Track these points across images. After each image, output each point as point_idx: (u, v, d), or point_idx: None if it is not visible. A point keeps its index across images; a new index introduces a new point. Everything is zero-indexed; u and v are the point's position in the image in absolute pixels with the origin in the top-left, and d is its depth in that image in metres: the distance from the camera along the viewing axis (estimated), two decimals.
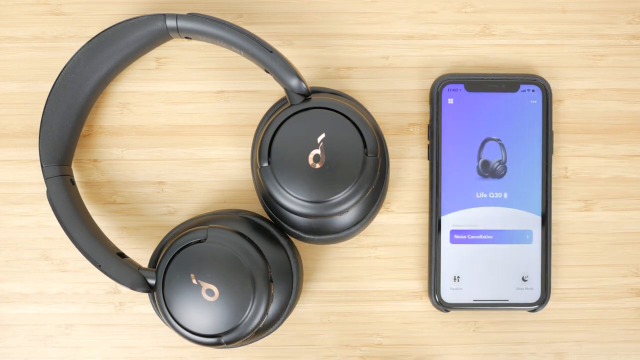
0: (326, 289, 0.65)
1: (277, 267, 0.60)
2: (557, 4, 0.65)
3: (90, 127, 0.65)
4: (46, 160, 0.60)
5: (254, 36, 0.58)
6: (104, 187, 0.65)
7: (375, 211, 0.62)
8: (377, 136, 0.60)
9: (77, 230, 0.59)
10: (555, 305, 0.65)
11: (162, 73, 0.65)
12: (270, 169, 0.57)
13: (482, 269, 0.64)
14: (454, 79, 0.64)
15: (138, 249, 0.65)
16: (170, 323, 0.57)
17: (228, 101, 0.65)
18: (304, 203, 0.57)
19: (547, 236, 0.64)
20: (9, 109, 0.65)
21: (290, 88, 0.58)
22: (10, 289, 0.65)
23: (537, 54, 0.65)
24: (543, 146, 0.64)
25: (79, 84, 0.61)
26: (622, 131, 0.65)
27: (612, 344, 0.66)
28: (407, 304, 0.65)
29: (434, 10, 0.65)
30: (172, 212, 0.65)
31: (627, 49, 0.65)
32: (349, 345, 0.65)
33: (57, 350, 0.65)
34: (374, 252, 0.65)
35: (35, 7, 0.65)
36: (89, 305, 0.65)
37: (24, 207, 0.65)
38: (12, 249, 0.65)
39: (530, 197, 0.64)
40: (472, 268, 0.64)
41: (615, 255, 0.65)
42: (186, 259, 0.57)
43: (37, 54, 0.65)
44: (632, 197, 0.65)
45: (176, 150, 0.65)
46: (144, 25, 0.60)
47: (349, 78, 0.65)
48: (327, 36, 0.65)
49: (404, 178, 0.65)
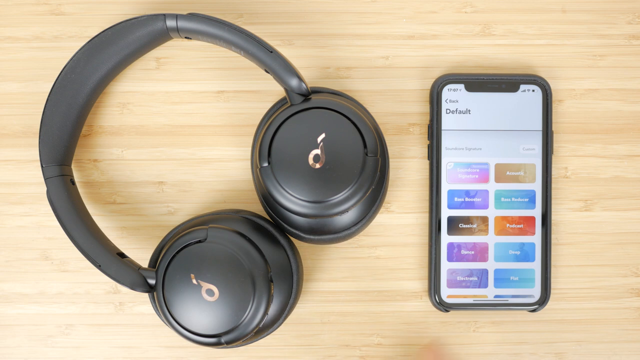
0: (326, 289, 0.65)
1: (277, 267, 0.60)
2: (557, 4, 0.65)
3: (90, 127, 0.65)
4: (46, 160, 0.60)
5: (254, 36, 0.59)
6: (104, 187, 0.65)
7: (375, 211, 0.62)
8: (377, 136, 0.60)
9: (77, 230, 0.59)
10: (555, 305, 0.65)
11: (162, 73, 0.65)
12: (270, 169, 0.57)
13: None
14: (454, 79, 0.64)
15: (138, 249, 0.65)
16: (170, 323, 0.57)
17: (228, 101, 0.65)
18: (304, 203, 0.57)
19: (547, 236, 0.64)
20: (9, 109, 0.65)
21: (290, 88, 0.58)
22: (10, 289, 0.65)
23: (537, 54, 0.65)
24: (543, 146, 0.64)
25: (79, 84, 0.61)
26: (622, 131, 0.65)
27: (612, 344, 0.66)
28: (407, 304, 0.65)
29: (434, 10, 0.65)
30: (172, 212, 0.65)
31: (627, 49, 0.65)
32: (349, 345, 0.65)
33: (57, 350, 0.66)
34: (374, 252, 0.65)
35: (35, 7, 0.65)
36: (89, 305, 0.65)
37: (24, 207, 0.65)
38: (12, 249, 0.65)
39: (530, 197, 0.64)
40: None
41: (615, 255, 0.65)
42: (186, 259, 0.57)
43: (37, 54, 0.65)
44: (632, 197, 0.65)
45: (176, 150, 0.65)
46: (144, 25, 0.60)
47: (349, 78, 0.65)
48: (327, 36, 0.65)
49: (404, 178, 0.65)
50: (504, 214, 0.64)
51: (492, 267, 0.64)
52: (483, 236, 0.64)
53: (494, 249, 0.64)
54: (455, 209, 0.64)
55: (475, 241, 0.64)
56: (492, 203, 0.64)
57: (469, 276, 0.64)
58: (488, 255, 0.64)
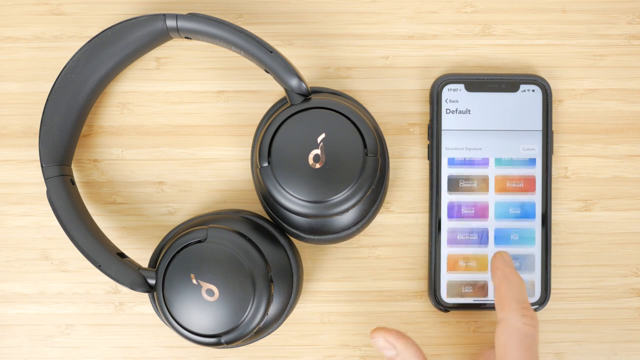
0: (326, 289, 0.65)
1: (277, 267, 0.60)
2: (557, 4, 0.65)
3: (90, 127, 0.65)
4: (46, 160, 0.60)
5: (254, 36, 0.59)
6: (104, 187, 0.65)
7: (375, 211, 0.62)
8: (377, 136, 0.60)
9: (77, 230, 0.59)
10: (555, 305, 0.65)
11: (162, 73, 0.65)
12: (270, 169, 0.57)
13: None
14: (454, 79, 0.64)
15: (138, 249, 0.65)
16: (170, 323, 0.57)
17: (228, 101, 0.65)
18: (304, 203, 0.57)
19: (547, 236, 0.64)
20: (9, 109, 0.65)
21: (290, 88, 0.58)
22: (10, 289, 0.65)
23: (537, 54, 0.65)
24: (543, 146, 0.64)
25: (79, 84, 0.61)
26: (622, 131, 0.65)
27: (612, 344, 0.66)
28: (407, 304, 0.65)
29: (434, 10, 0.65)
30: (172, 212, 0.65)
31: (627, 49, 0.65)
32: (349, 345, 0.65)
33: (57, 350, 0.66)
34: (374, 252, 0.65)
35: (35, 7, 0.65)
36: (89, 305, 0.65)
37: (24, 207, 0.65)
38: (12, 249, 0.65)
39: (530, 197, 0.64)
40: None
41: (615, 255, 0.65)
42: (186, 259, 0.57)
43: (37, 54, 0.65)
44: (632, 197, 0.65)
45: (176, 150, 0.65)
46: (144, 25, 0.60)
47: (349, 78, 0.65)
48: (327, 36, 0.65)
49: (404, 178, 0.65)
50: (504, 221, 0.64)
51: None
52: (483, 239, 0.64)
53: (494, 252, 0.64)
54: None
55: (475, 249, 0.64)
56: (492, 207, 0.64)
57: (470, 280, 0.64)
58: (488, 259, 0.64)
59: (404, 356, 0.56)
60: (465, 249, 0.64)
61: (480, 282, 0.64)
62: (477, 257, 0.64)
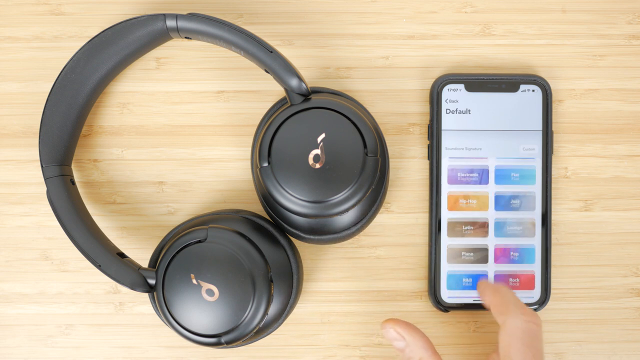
0: (326, 289, 0.65)
1: (277, 267, 0.60)
2: (557, 4, 0.65)
3: (90, 127, 0.65)
4: (46, 160, 0.60)
5: (254, 36, 0.59)
6: (104, 187, 0.65)
7: (375, 211, 0.62)
8: (377, 136, 0.60)
9: (77, 230, 0.59)
10: (555, 305, 0.65)
11: (162, 73, 0.65)
12: (270, 169, 0.57)
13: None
14: (454, 79, 0.64)
15: (138, 249, 0.65)
16: (170, 323, 0.57)
17: (228, 101, 0.65)
18: (304, 203, 0.57)
19: (547, 236, 0.64)
20: (9, 109, 0.65)
21: (290, 88, 0.58)
22: (10, 289, 0.65)
23: (537, 54, 0.65)
24: (543, 146, 0.64)
25: (79, 84, 0.61)
26: (622, 131, 0.65)
27: (612, 344, 0.66)
28: (407, 304, 0.65)
29: (434, 10, 0.65)
30: (172, 212, 0.65)
31: (627, 49, 0.65)
32: (349, 345, 0.65)
33: (57, 350, 0.66)
34: (374, 252, 0.65)
35: (35, 7, 0.65)
36: (89, 305, 0.65)
37: (24, 207, 0.65)
38: (12, 249, 0.65)
39: (530, 197, 0.64)
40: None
41: (615, 255, 0.65)
42: (186, 259, 0.57)
43: (37, 54, 0.65)
44: (632, 197, 0.65)
45: (176, 150, 0.65)
46: (144, 25, 0.60)
47: (349, 78, 0.65)
48: (327, 36, 0.65)
49: (404, 178, 0.65)
50: (505, 216, 0.64)
51: (493, 270, 0.64)
52: (483, 238, 0.64)
53: (493, 251, 0.64)
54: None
55: (476, 243, 0.64)
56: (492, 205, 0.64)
57: (471, 270, 0.64)
58: (488, 257, 0.64)
59: (412, 348, 0.57)
60: (466, 241, 0.64)
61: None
62: (475, 250, 0.64)
